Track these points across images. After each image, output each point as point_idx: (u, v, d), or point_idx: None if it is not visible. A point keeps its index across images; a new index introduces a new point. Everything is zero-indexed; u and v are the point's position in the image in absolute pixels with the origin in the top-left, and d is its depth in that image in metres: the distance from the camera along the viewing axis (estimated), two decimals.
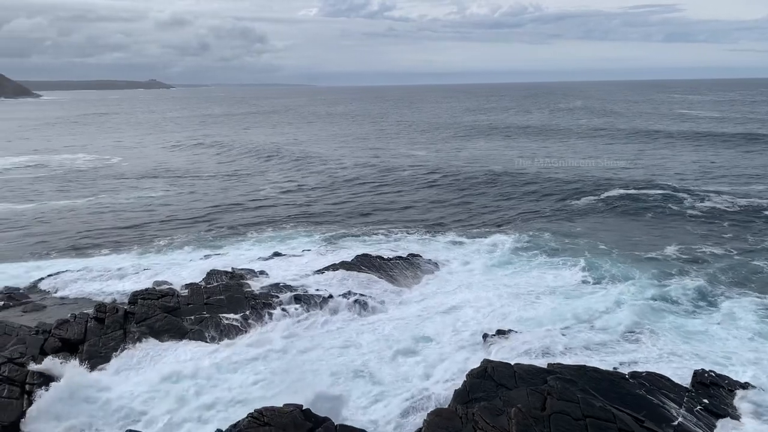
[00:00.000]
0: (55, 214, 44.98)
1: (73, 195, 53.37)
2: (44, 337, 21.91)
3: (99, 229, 39.81)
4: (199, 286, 26.59)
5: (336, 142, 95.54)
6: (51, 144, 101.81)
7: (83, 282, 28.23)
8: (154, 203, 48.98)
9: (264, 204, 48.14)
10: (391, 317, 24.72)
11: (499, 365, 17.68)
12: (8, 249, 35.07)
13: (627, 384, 17.50)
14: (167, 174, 64.81)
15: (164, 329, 23.05)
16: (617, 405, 16.11)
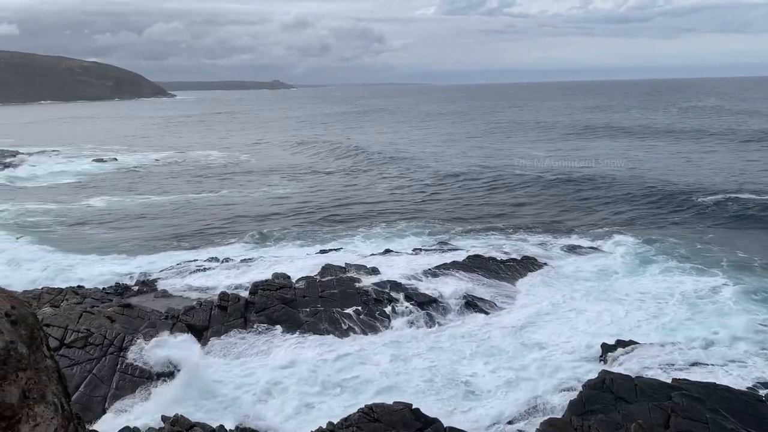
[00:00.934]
0: (188, 207, 48.15)
1: (205, 189, 56.98)
2: (172, 322, 23.46)
3: (225, 222, 42.08)
4: (314, 279, 27.39)
5: (449, 140, 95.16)
6: (185, 140, 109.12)
7: (208, 271, 29.89)
8: (276, 198, 51.15)
9: (377, 201, 48.85)
10: (501, 321, 24.22)
11: (619, 377, 16.79)
12: (145, 238, 37.90)
13: (764, 407, 16.04)
14: (288, 170, 67.46)
15: (281, 319, 23.96)
16: (752, 430, 14.80)
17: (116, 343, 21.01)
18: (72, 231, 40.32)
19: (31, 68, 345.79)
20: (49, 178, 65.39)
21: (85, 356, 20.22)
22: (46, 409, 9.70)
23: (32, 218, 44.21)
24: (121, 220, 43.72)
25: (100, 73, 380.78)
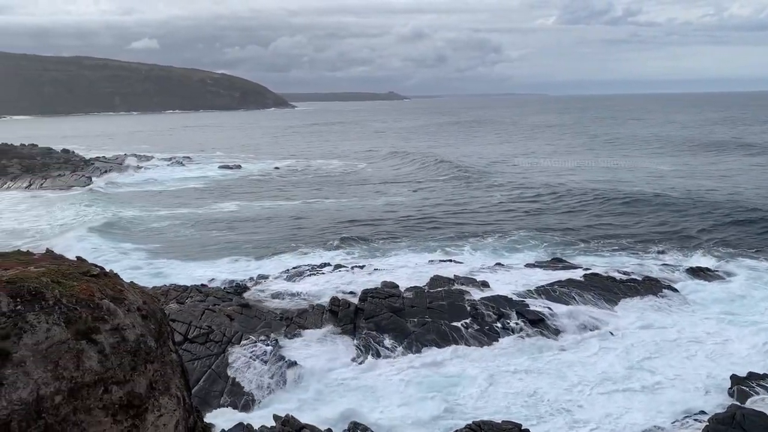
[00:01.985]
0: (306, 213, 49.90)
1: (323, 195, 59.00)
2: (286, 324, 24.32)
3: (339, 228, 43.17)
4: (422, 289, 27.40)
5: (566, 153, 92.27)
6: (306, 149, 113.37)
7: (321, 275, 30.72)
8: (390, 206, 51.89)
9: (489, 212, 48.24)
10: (617, 345, 22.99)
11: (752, 414, 15.42)
12: (264, 242, 39.65)
13: None
14: (401, 179, 68.26)
15: (389, 328, 24.14)
16: None
17: (234, 341, 22.06)
18: (200, 233, 42.91)
19: (168, 80, 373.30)
20: (179, 183, 70.14)
21: (206, 352, 21.38)
22: (170, 400, 10.31)
23: (163, 222, 47.46)
24: (244, 224, 46.01)
25: (228, 85, 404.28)
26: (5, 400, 8.77)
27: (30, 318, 9.95)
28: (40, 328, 9.91)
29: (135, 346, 10.76)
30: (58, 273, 11.41)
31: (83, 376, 9.67)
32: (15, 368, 9.13)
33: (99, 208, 53.24)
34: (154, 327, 11.78)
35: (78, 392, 9.51)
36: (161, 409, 10.67)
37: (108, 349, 10.19)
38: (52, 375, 9.33)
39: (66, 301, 10.56)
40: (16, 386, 8.97)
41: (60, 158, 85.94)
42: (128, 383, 10.21)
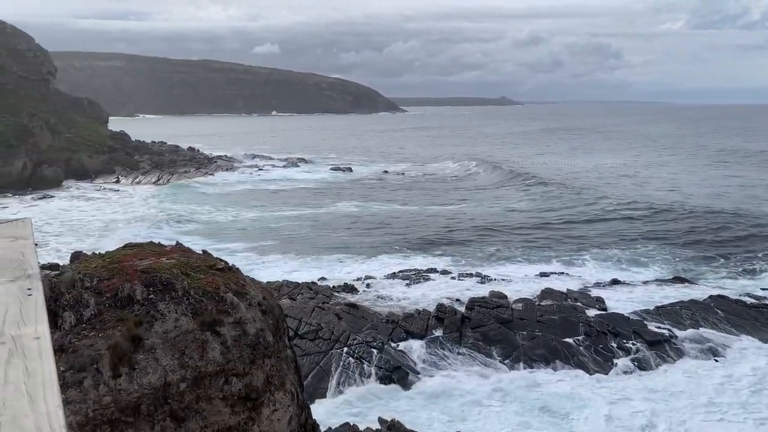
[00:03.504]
0: (420, 216, 50.06)
1: (434, 199, 59.11)
2: (392, 327, 24.40)
3: (451, 233, 42.94)
4: (532, 302, 26.62)
5: (693, 165, 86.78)
6: (416, 152, 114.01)
7: (428, 280, 30.62)
8: (502, 213, 51.06)
9: (607, 224, 46.01)
10: (744, 374, 21.18)
11: None
12: (375, 244, 40.13)
13: None
14: (515, 186, 66.93)
15: (497, 339, 23.61)
16: None
17: (342, 340, 22.41)
18: (312, 233, 44.15)
19: (286, 84, 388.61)
20: (293, 183, 72.64)
21: (315, 348, 21.86)
22: (285, 396, 10.51)
23: (280, 222, 49.24)
24: (354, 226, 46.84)
25: (342, 89, 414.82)
26: (137, 383, 9.34)
27: (161, 307, 10.55)
28: (170, 317, 10.49)
29: (254, 340, 11.15)
30: (187, 265, 12.04)
31: (206, 366, 10.12)
32: (146, 354, 9.71)
33: (219, 204, 56.17)
34: (272, 322, 12.18)
35: (201, 381, 9.96)
36: (276, 404, 10.97)
37: (230, 342, 10.62)
38: (178, 363, 9.83)
39: (194, 292, 11.13)
40: (147, 371, 9.54)
41: (186, 155, 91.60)
42: (247, 376, 10.59)
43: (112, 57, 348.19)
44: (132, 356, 9.19)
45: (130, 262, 11.18)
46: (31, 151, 71.57)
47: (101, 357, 9.07)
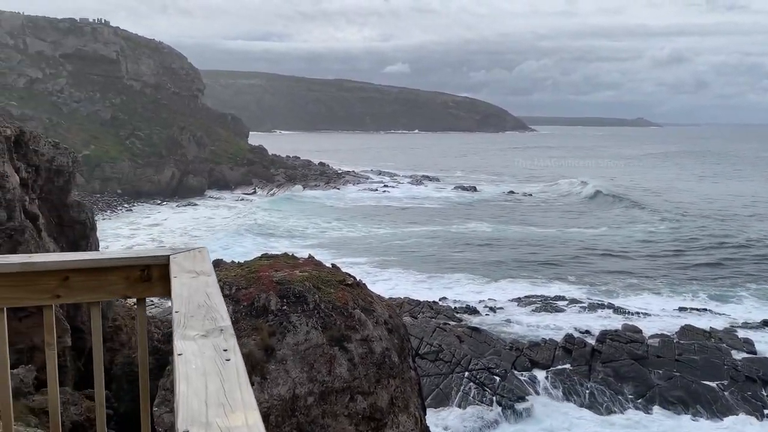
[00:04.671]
0: (549, 239, 48.42)
1: (565, 222, 57.11)
2: (516, 355, 23.58)
3: (582, 259, 41.04)
4: (670, 339, 24.71)
5: None
6: (544, 172, 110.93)
7: (555, 309, 29.36)
8: (642, 239, 48.16)
9: (757, 253, 41.97)
10: None
11: None
12: (500, 265, 39.26)
13: None
14: (657, 209, 63.03)
15: (629, 376, 22.09)
16: None
17: (463, 364, 21.94)
18: (435, 251, 43.98)
19: (414, 102, 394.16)
20: (418, 201, 73.00)
21: (435, 370, 21.56)
22: (408, 419, 10.27)
23: (407, 239, 49.51)
24: (480, 247, 46.05)
25: (470, 108, 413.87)
26: (267, 393, 9.57)
27: (293, 319, 10.79)
28: (301, 329, 10.69)
29: (380, 359, 11.11)
30: (318, 279, 12.29)
31: (333, 382, 10.19)
32: (278, 365, 9.94)
33: (344, 218, 57.61)
34: (398, 342, 12.09)
35: (327, 397, 10.04)
36: (400, 426, 10.83)
37: (357, 359, 10.64)
38: (307, 376, 9.97)
39: (324, 306, 11.30)
40: (277, 382, 9.76)
41: (317, 170, 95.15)
42: (372, 395, 10.54)
43: (254, 76, 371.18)
44: (264, 366, 9.44)
45: (267, 272, 11.55)
46: (179, 162, 77.47)
47: None
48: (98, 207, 54.90)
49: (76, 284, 2.27)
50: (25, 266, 2.20)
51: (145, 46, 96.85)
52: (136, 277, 2.31)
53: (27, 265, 2.21)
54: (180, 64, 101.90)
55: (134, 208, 64.13)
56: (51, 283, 2.24)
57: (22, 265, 2.20)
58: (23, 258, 2.26)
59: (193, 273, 2.12)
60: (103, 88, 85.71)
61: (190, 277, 2.07)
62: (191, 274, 2.11)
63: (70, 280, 2.25)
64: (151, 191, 71.27)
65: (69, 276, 2.24)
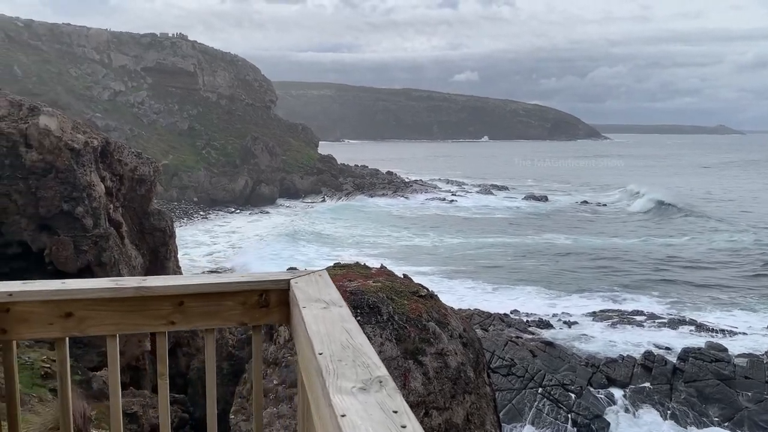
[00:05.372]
0: (625, 250, 46.77)
1: (643, 232, 55.06)
2: (592, 371, 22.72)
3: (662, 271, 39.39)
4: (759, 359, 23.20)
5: None
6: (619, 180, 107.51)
7: (633, 323, 28.18)
8: (727, 251, 45.83)
9: None
10: None
11: None
12: (574, 278, 38.10)
13: None
14: (745, 220, 59.90)
15: (715, 398, 20.89)
16: None
17: (536, 379, 21.32)
18: (507, 262, 43.17)
19: (483, 110, 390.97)
20: (488, 211, 72.06)
21: (507, 384, 21.04)
22: None
23: (477, 250, 48.93)
24: (553, 258, 44.83)
25: (540, 115, 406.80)
26: None
27: (367, 330, 10.69)
28: (375, 341, 10.56)
29: (456, 374, 10.85)
30: (392, 290, 12.15)
31: (408, 396, 10.00)
32: None
33: (412, 227, 57.48)
34: (473, 357, 11.79)
35: None
36: None
37: (431, 373, 10.44)
38: None
39: (398, 318, 11.15)
40: None
41: (384, 179, 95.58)
42: (447, 411, 10.31)
43: (323, 86, 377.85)
44: None
45: (341, 282, 11.51)
46: (252, 171, 79.48)
47: None
48: (176, 214, 56.88)
49: (191, 310, 2.16)
50: (139, 290, 2.12)
51: (220, 59, 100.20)
52: (253, 303, 2.20)
53: (141, 289, 2.12)
54: (254, 76, 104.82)
55: (209, 215, 66.20)
56: (166, 308, 2.14)
57: (136, 290, 2.12)
58: (138, 281, 2.18)
59: (321, 302, 1.96)
60: (181, 100, 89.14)
61: (320, 307, 1.91)
62: (320, 303, 1.95)
63: (185, 306, 2.15)
64: (225, 199, 73.45)
65: (184, 301, 2.15)
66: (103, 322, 2.13)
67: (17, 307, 2.05)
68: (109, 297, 2.11)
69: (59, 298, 2.08)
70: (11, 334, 2.08)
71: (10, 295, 2.04)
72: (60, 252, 17.89)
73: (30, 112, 18.79)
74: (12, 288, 2.07)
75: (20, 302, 2.06)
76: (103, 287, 2.13)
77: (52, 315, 2.08)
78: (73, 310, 2.09)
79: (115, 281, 2.20)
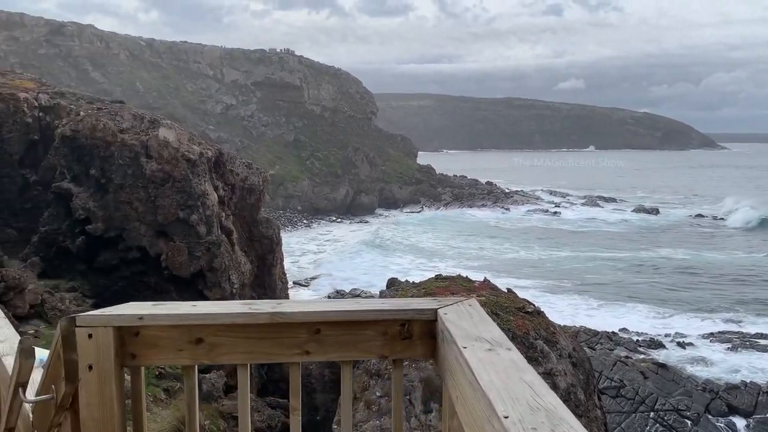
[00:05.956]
0: (749, 268, 43.48)
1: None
2: (710, 397, 21.16)
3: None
4: None
5: None
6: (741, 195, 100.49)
7: (756, 347, 26.04)
8: None
9: None
10: None
11: None
12: (690, 297, 35.81)
13: None
14: None
15: None
16: None
17: (648, 403, 20.11)
18: (615, 278, 41.22)
19: (587, 119, 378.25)
20: (594, 224, 69.27)
21: (616, 407, 19.98)
22: None
23: (588, 264, 46.97)
24: (667, 275, 42.27)
25: (649, 124, 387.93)
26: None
27: None
28: None
29: (565, 395, 10.31)
30: (496, 305, 11.79)
31: None
32: None
33: (513, 239, 56.22)
34: (583, 377, 11.19)
35: None
36: None
37: None
38: None
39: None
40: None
41: (484, 189, 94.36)
42: None
43: (423, 97, 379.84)
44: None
45: (443, 295, 11.34)
46: (353, 181, 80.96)
47: (414, 389, 9.21)
48: (281, 222, 58.84)
49: (327, 339, 1.98)
50: (274, 316, 1.96)
51: (325, 72, 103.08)
52: (394, 333, 1.99)
53: (277, 315, 1.96)
54: (356, 88, 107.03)
55: (312, 224, 68.00)
56: (301, 336, 1.97)
57: (271, 315, 1.96)
58: (272, 306, 2.02)
59: (483, 342, 1.70)
60: (288, 113, 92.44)
61: (484, 349, 1.66)
62: (482, 343, 1.69)
63: (321, 334, 1.97)
64: (327, 208, 75.26)
65: (321, 328, 1.97)
66: (234, 350, 1.99)
67: (147, 331, 1.96)
68: (243, 323, 1.97)
69: (190, 323, 1.97)
70: (140, 359, 1.99)
71: (141, 319, 1.95)
72: (175, 257, 18.85)
73: (150, 125, 20.01)
74: (142, 311, 1.98)
75: (150, 326, 1.96)
76: (236, 312, 2.00)
77: (182, 340, 1.97)
78: (204, 335, 1.97)
79: (248, 305, 2.05)
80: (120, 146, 19.40)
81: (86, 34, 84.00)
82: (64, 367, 1.88)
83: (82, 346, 1.88)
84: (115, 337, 1.91)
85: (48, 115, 22.91)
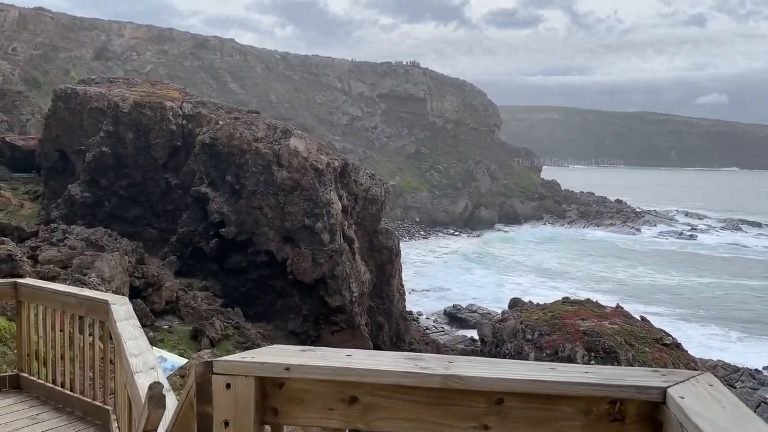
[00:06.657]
0: None
1: None
2: None
3: None
4: None
5: None
6: None
7: None
8: None
9: None
10: None
11: None
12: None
13: None
14: None
15: None
16: None
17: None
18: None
19: (729, 135, 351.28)
20: (736, 248, 63.79)
21: None
22: None
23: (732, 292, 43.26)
24: None
25: None
26: None
27: None
28: None
29: None
30: (630, 334, 10.97)
31: None
32: None
33: (646, 262, 52.94)
34: None
35: None
36: None
37: None
38: None
39: (637, 367, 9.99)
40: None
41: (612, 208, 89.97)
42: None
43: (549, 110, 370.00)
44: None
45: (572, 320, 10.69)
46: (473, 194, 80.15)
47: None
48: (399, 233, 59.41)
49: (511, 412, 1.58)
50: (447, 380, 1.59)
51: (449, 84, 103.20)
52: (600, 414, 1.53)
53: (451, 378, 1.59)
54: (480, 100, 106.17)
55: (430, 236, 68.00)
56: (479, 406, 1.60)
57: (443, 379, 1.59)
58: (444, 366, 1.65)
59: None
60: (410, 125, 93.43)
61: None
62: None
63: (504, 405, 1.59)
64: (445, 221, 74.96)
65: (503, 399, 1.59)
66: (396, 415, 1.65)
67: (293, 384, 1.68)
68: (410, 384, 1.62)
69: (344, 379, 1.66)
70: (282, 416, 1.71)
71: (287, 369, 1.67)
72: (300, 263, 19.37)
73: (283, 135, 20.77)
74: (289, 359, 1.70)
75: (297, 378, 1.67)
76: (401, 370, 1.64)
77: (333, 398, 1.68)
78: (359, 394, 1.66)
79: (413, 360, 1.69)
80: (254, 154, 20.27)
81: (227, 47, 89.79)
82: (197, 420, 1.67)
83: (219, 398, 1.65)
84: (257, 389, 1.67)
85: (190, 123, 24.51)
